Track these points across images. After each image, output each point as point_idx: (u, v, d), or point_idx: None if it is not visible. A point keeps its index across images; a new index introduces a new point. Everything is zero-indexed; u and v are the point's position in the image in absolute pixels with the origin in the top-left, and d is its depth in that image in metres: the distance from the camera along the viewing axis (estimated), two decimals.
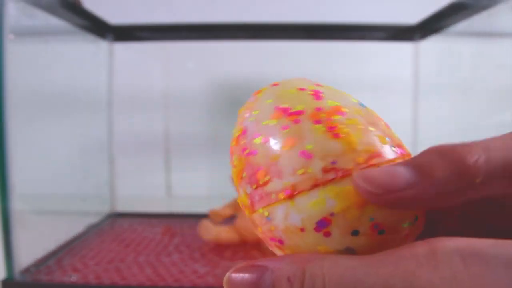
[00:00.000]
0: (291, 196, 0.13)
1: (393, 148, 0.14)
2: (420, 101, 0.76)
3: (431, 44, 0.71)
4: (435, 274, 0.11)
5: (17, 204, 0.48)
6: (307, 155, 0.13)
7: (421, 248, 0.12)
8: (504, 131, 0.15)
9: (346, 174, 0.13)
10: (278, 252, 0.15)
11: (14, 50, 0.47)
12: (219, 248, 0.58)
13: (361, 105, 0.16)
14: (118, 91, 0.78)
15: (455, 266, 0.11)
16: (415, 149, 0.80)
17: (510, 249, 0.11)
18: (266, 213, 0.14)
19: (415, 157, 0.13)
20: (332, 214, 0.13)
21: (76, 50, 0.69)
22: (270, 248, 0.15)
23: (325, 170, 0.13)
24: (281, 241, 0.14)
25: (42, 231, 0.58)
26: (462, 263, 0.11)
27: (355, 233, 0.13)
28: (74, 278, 0.49)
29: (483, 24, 0.58)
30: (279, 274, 0.13)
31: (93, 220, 0.71)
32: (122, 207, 0.79)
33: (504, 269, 0.11)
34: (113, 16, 0.71)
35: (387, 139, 0.15)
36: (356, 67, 0.79)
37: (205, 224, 0.59)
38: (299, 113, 0.14)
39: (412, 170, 0.13)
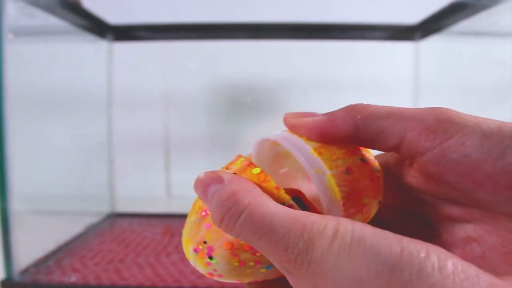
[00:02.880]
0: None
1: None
2: (420, 101, 0.76)
3: (431, 44, 0.71)
4: (327, 249, 0.14)
5: (17, 204, 0.48)
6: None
7: (331, 225, 0.14)
8: None
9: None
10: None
11: (14, 50, 0.47)
12: None
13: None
14: (117, 91, 0.78)
15: (344, 247, 0.14)
16: None
17: (383, 245, 0.13)
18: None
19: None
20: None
21: (75, 50, 0.69)
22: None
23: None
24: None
25: (41, 231, 0.58)
26: (349, 245, 0.14)
27: None
28: (73, 278, 0.49)
29: (483, 24, 0.57)
30: (221, 190, 0.17)
31: (92, 220, 0.71)
32: (121, 207, 0.79)
33: (370, 256, 0.13)
34: (113, 16, 0.71)
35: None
36: (356, 67, 0.79)
37: None
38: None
39: (323, 113, 0.19)
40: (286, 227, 0.15)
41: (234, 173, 0.19)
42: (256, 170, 0.18)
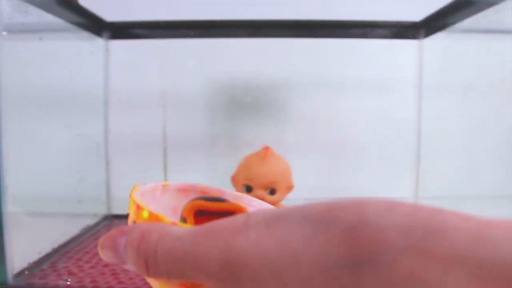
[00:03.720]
0: None
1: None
2: (424, 100, 0.75)
3: (435, 42, 0.70)
4: (245, 241, 0.13)
5: (11, 205, 0.47)
6: None
7: (240, 220, 0.14)
8: (509, 130, 0.14)
9: None
10: None
11: (8, 48, 0.46)
12: None
13: None
14: (114, 90, 0.77)
15: (261, 231, 0.13)
16: (419, 148, 0.79)
17: (307, 208, 0.13)
18: None
19: None
20: None
21: (71, 48, 0.68)
22: None
23: None
24: None
25: (36, 233, 0.57)
26: (266, 226, 0.13)
27: None
28: (69, 282, 0.48)
29: (488, 21, 0.57)
30: (129, 240, 0.15)
31: (89, 222, 0.70)
32: (118, 209, 0.78)
33: (298, 223, 0.12)
34: (110, 13, 0.71)
35: None
36: (359, 65, 0.78)
37: None
38: None
39: None
40: (198, 242, 0.14)
41: (134, 221, 0.19)
42: (145, 214, 0.18)
